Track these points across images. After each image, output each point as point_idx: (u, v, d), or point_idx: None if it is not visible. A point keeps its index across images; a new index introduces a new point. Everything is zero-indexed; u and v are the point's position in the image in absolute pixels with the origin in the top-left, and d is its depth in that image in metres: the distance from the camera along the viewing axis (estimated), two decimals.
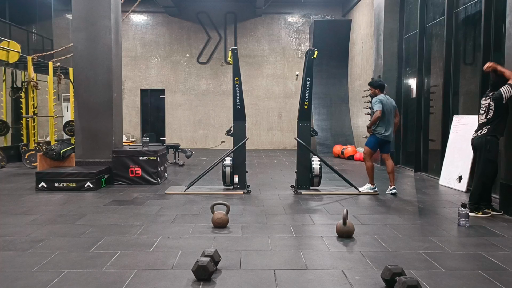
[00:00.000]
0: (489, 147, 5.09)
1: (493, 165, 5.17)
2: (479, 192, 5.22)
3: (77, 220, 4.89)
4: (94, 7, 7.43)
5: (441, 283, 3.12)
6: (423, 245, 4.02)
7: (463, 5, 7.58)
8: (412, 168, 9.38)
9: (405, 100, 10.21)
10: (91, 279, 3.16)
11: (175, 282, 3.11)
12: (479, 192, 5.22)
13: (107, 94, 7.51)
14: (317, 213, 5.34)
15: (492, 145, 5.09)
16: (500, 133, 5.17)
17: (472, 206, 5.18)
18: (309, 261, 3.57)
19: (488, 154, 5.10)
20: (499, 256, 3.72)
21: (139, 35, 15.60)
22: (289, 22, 15.70)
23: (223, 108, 15.57)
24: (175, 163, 10.33)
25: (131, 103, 15.65)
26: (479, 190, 5.22)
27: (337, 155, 12.34)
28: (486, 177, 5.18)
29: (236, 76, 6.71)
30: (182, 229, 4.52)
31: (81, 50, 7.51)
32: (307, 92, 6.75)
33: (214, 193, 6.52)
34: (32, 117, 10.32)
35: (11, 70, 11.47)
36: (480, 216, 5.12)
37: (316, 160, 6.77)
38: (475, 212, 5.16)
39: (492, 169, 5.17)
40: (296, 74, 15.44)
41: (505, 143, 5.43)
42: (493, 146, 5.10)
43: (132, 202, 5.96)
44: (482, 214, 5.16)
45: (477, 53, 7.08)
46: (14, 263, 3.49)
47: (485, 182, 5.19)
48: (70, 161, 7.72)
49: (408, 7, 10.12)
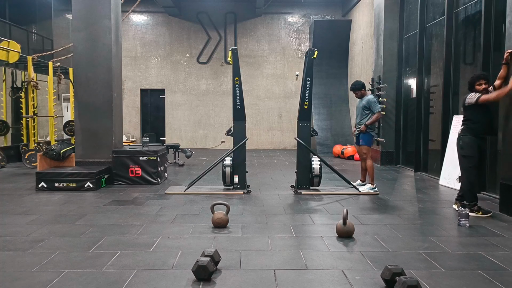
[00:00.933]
0: (461, 144, 5.35)
1: (469, 160, 5.27)
2: (468, 188, 5.28)
3: (77, 220, 4.90)
4: (94, 7, 7.43)
5: (441, 283, 3.12)
6: (423, 245, 4.02)
7: (463, 5, 7.58)
8: (412, 168, 9.38)
9: (405, 100, 10.21)
10: (91, 279, 3.16)
11: (175, 282, 3.11)
12: (469, 188, 5.27)
13: (107, 94, 7.51)
14: (317, 213, 5.34)
15: (465, 142, 5.29)
16: (475, 134, 5.25)
17: (469, 205, 5.18)
18: (309, 261, 3.57)
19: (461, 150, 5.35)
20: (499, 256, 3.73)
21: (139, 35, 15.60)
22: (289, 22, 15.69)
23: (223, 108, 15.57)
24: (175, 163, 10.33)
25: (131, 103, 15.65)
26: (468, 186, 5.28)
27: (337, 155, 12.34)
28: (465, 171, 5.32)
29: (236, 76, 6.71)
30: (182, 229, 4.52)
31: (81, 50, 7.51)
32: (307, 92, 6.75)
33: (214, 193, 6.52)
34: (32, 117, 10.32)
35: (11, 70, 11.47)
36: (480, 216, 5.12)
37: (316, 160, 6.77)
38: (476, 212, 5.17)
39: (468, 163, 5.28)
40: (296, 74, 15.44)
41: (505, 143, 5.43)
42: (465, 143, 5.28)
43: (132, 202, 5.96)
44: (482, 214, 5.16)
45: (477, 53, 7.08)
46: (14, 263, 3.49)
47: (468, 176, 5.29)
48: (70, 161, 7.71)
49: (408, 7, 10.12)
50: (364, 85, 6.99)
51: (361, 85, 6.91)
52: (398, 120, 10.32)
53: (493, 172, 6.45)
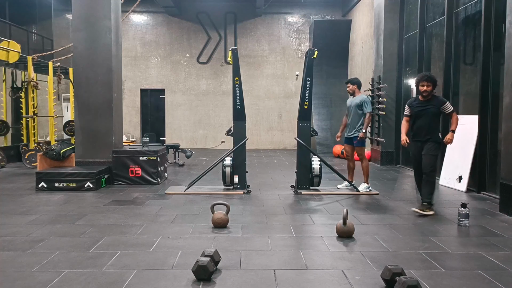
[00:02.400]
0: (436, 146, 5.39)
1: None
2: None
3: (77, 220, 4.89)
4: (94, 7, 7.43)
5: (441, 283, 3.12)
6: (423, 245, 4.02)
7: (463, 5, 7.58)
8: (412, 168, 9.35)
9: (405, 100, 10.19)
10: (91, 279, 3.16)
11: (175, 282, 3.11)
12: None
13: (107, 94, 7.51)
14: (317, 213, 5.34)
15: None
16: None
17: (430, 204, 5.23)
18: (309, 261, 3.57)
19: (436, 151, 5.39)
20: (499, 256, 3.72)
21: (139, 35, 15.60)
22: (289, 22, 15.69)
23: (223, 108, 15.57)
24: (175, 163, 10.33)
25: (131, 103, 15.65)
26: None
27: (337, 155, 12.33)
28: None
29: (236, 76, 6.71)
30: (182, 229, 4.52)
31: (81, 50, 7.51)
32: (307, 92, 6.75)
33: (214, 193, 6.52)
34: (32, 117, 10.32)
35: (11, 70, 11.46)
36: (428, 214, 5.14)
37: (316, 160, 6.77)
38: (429, 211, 5.19)
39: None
40: (296, 74, 15.43)
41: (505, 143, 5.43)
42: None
43: (132, 202, 5.96)
44: (430, 211, 5.19)
45: (477, 53, 7.08)
46: (14, 263, 3.49)
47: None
48: (70, 161, 7.72)
49: (408, 7, 10.12)
50: (361, 85, 7.08)
51: (358, 82, 7.01)
52: (398, 120, 10.31)
53: (493, 172, 6.45)
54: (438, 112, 5.28)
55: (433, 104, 5.25)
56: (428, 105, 5.27)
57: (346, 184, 6.91)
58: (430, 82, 5.23)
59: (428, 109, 5.26)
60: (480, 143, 6.66)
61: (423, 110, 5.29)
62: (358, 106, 6.75)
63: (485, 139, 6.61)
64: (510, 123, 5.34)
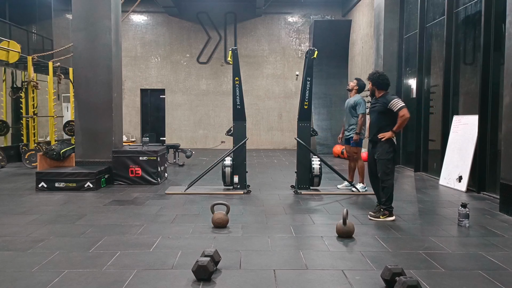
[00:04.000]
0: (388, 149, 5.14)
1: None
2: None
3: (77, 220, 4.89)
4: (94, 7, 7.43)
5: (441, 283, 3.12)
6: (423, 245, 4.02)
7: (463, 5, 7.58)
8: (412, 168, 9.38)
9: (405, 100, 10.18)
10: (91, 279, 3.16)
11: (175, 282, 3.11)
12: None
13: (107, 94, 7.51)
14: (317, 213, 5.34)
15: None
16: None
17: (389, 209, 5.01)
18: (309, 261, 3.57)
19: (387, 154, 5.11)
20: (499, 256, 3.72)
21: (139, 35, 15.60)
22: (289, 22, 15.69)
23: (223, 108, 15.57)
24: (175, 163, 10.33)
25: (131, 103, 15.65)
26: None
27: (337, 155, 12.33)
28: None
29: (236, 76, 6.71)
30: (182, 229, 4.52)
31: (81, 50, 7.51)
32: (307, 92, 6.75)
33: (214, 193, 6.52)
34: (32, 117, 10.32)
35: (11, 70, 11.47)
36: (388, 220, 4.95)
37: (316, 160, 6.77)
38: (390, 216, 5.00)
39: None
40: (296, 74, 15.44)
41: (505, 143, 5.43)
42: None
43: (132, 202, 5.96)
44: (390, 217, 4.99)
45: (477, 53, 7.08)
46: (14, 263, 3.49)
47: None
48: (70, 161, 7.71)
49: (408, 7, 10.12)
50: (364, 88, 6.91)
51: (363, 85, 6.90)
52: None
53: (493, 172, 6.45)
54: (385, 110, 5.02)
55: (381, 102, 5.09)
56: (376, 102, 5.17)
57: (346, 184, 6.90)
58: (369, 80, 5.23)
59: (376, 106, 5.15)
60: (480, 143, 6.66)
61: (373, 107, 5.21)
62: (352, 107, 6.77)
63: (485, 139, 6.61)
64: (510, 123, 5.34)
